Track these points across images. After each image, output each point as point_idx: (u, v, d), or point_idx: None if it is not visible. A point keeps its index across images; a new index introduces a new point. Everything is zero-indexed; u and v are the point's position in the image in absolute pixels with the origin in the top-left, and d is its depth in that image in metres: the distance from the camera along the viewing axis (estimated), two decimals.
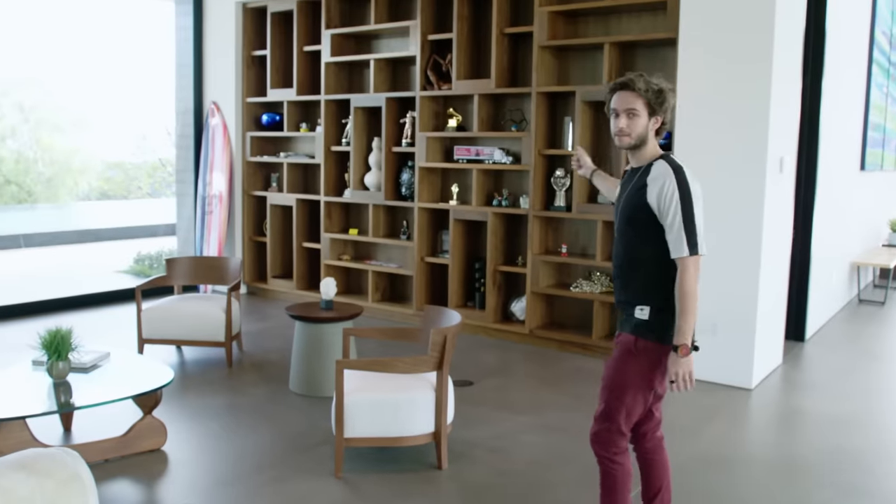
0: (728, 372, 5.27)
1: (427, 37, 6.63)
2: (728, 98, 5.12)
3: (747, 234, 5.12)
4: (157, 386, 3.85)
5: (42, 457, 2.17)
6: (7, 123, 12.18)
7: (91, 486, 2.18)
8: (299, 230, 7.65)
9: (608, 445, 2.91)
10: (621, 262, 2.85)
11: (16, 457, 2.17)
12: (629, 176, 2.88)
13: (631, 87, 2.76)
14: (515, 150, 6.43)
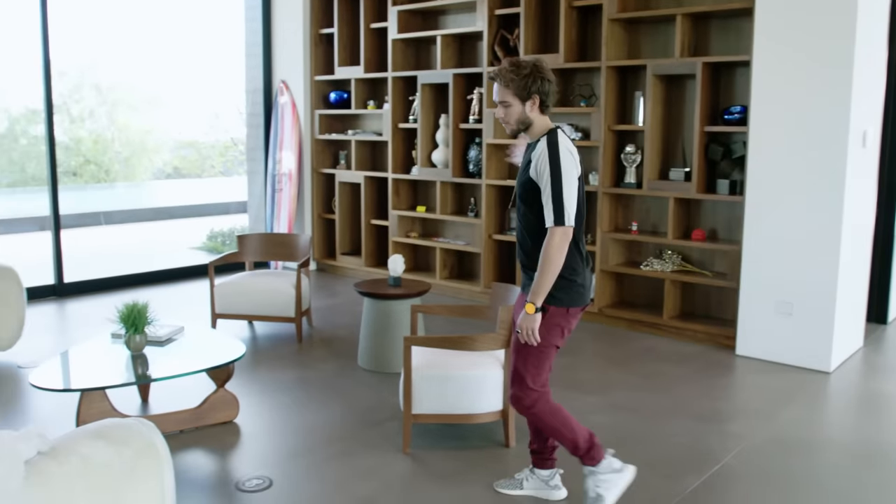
0: (805, 354, 5.11)
1: (494, 11, 6.55)
2: (807, 68, 4.92)
3: (827, 210, 4.94)
4: (229, 359, 3.93)
5: (120, 426, 2.23)
6: (86, 105, 12.53)
7: (166, 455, 2.23)
8: (367, 207, 7.69)
9: (523, 401, 3.10)
10: (520, 232, 3.11)
11: (95, 426, 2.23)
12: (527, 150, 3.09)
13: (498, 80, 3.00)
14: (584, 126, 6.33)
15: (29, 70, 8.76)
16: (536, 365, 3.07)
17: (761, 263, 5.22)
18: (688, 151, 5.81)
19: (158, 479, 2.20)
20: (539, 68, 2.97)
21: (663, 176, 5.87)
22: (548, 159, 2.89)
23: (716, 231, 5.82)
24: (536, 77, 2.95)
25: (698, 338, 5.68)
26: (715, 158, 5.59)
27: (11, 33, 8.76)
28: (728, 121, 5.49)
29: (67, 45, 6.89)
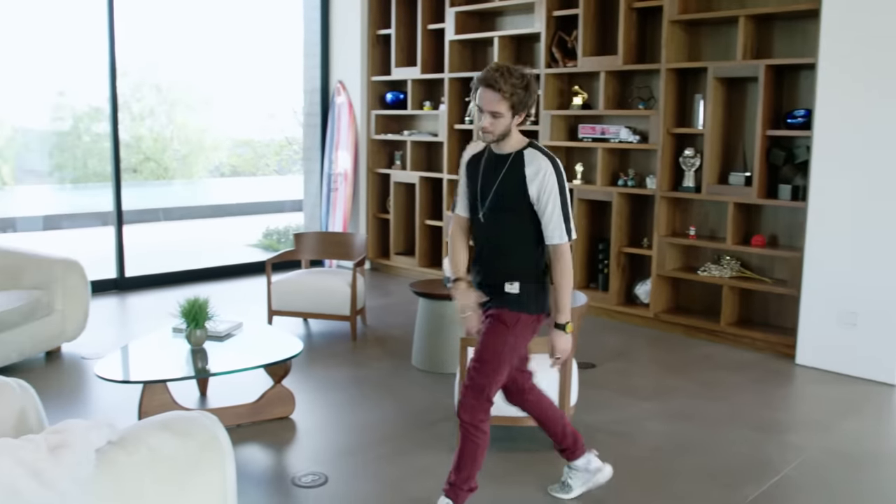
0: (869, 365, 4.98)
1: (552, 13, 6.53)
2: (874, 71, 4.79)
3: (891, 216, 4.80)
4: (287, 356, 3.98)
5: (185, 419, 2.27)
6: (146, 104, 12.80)
7: (228, 448, 2.27)
8: (422, 207, 7.72)
9: (478, 413, 3.02)
10: (495, 242, 3.02)
11: (161, 418, 2.28)
12: (494, 161, 2.98)
13: (496, 88, 2.83)
14: (642, 129, 6.26)
15: (92, 69, 8.98)
16: (500, 376, 3.04)
17: (824, 271, 5.10)
18: (749, 156, 5.71)
19: (221, 471, 2.23)
20: (534, 81, 2.93)
21: (723, 180, 5.78)
22: (555, 176, 2.91)
23: (776, 237, 5.71)
24: (534, 91, 2.92)
25: (756, 346, 5.58)
26: (777, 163, 5.48)
27: (77, 34, 9.01)
28: (791, 125, 5.38)
29: (130, 46, 7.05)
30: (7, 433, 2.46)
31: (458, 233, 3.18)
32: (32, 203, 11.77)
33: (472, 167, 3.07)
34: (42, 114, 10.85)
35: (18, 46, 9.21)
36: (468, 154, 3.11)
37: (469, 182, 3.08)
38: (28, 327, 4.92)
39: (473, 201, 3.06)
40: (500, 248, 3.02)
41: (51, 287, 5.10)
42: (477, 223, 3.07)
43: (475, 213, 3.06)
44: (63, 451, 1.77)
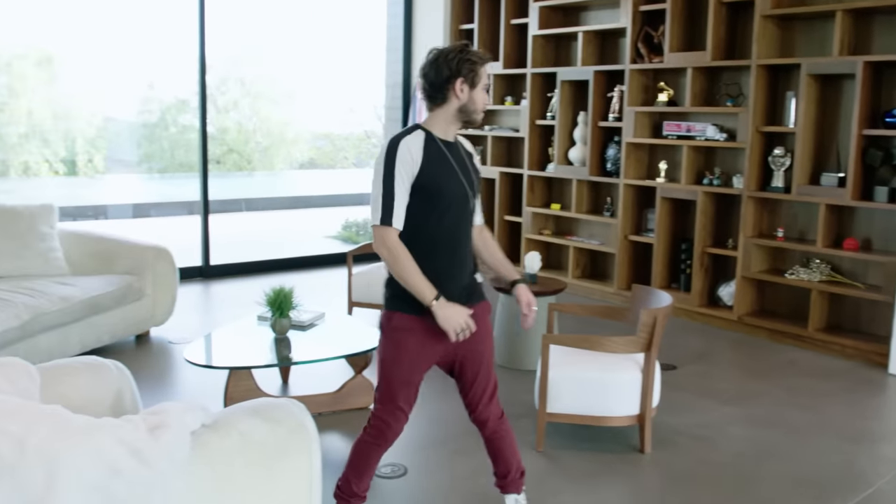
0: None
1: (639, 7, 6.41)
2: None
3: None
4: (369, 347, 4.02)
5: (274, 406, 2.32)
6: (231, 97, 13.09)
7: (315, 436, 2.30)
8: (501, 203, 7.70)
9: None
10: (468, 236, 2.85)
11: (251, 404, 2.32)
12: (448, 149, 2.74)
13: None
14: (730, 127, 6.11)
15: (180, 63, 9.21)
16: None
17: None
18: (843, 155, 5.51)
19: (308, 458, 2.27)
20: None
21: (814, 181, 5.59)
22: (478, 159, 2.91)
23: (870, 241, 5.49)
24: None
25: (846, 353, 5.39)
26: (873, 164, 5.27)
27: (165, 29, 9.27)
28: (889, 124, 5.17)
29: (216, 41, 7.22)
30: (105, 412, 2.56)
31: (403, 247, 2.68)
32: (122, 191, 12.19)
33: (430, 162, 2.69)
34: (131, 105, 11.21)
35: (110, 40, 9.53)
36: (411, 146, 2.68)
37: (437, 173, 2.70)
38: (120, 311, 5.10)
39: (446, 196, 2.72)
40: (470, 241, 2.88)
41: (142, 273, 5.27)
42: (455, 219, 2.77)
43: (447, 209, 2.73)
44: (161, 431, 1.82)
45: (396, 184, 2.64)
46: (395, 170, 2.64)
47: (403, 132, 2.73)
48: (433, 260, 2.72)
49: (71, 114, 10.44)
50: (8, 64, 9.33)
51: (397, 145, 2.66)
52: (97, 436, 1.70)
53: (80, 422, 1.72)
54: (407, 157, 2.65)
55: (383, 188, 2.64)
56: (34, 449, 1.63)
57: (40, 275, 5.07)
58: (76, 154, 10.68)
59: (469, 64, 2.69)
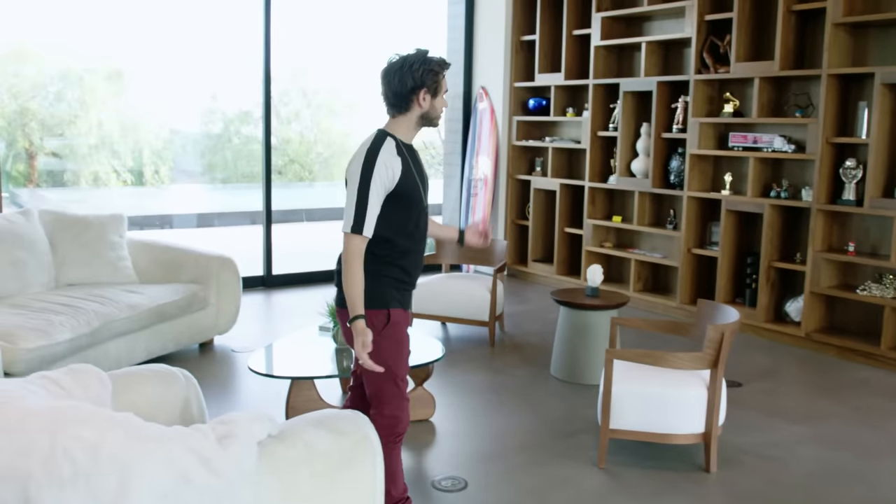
0: None
1: (704, 17, 6.31)
2: None
3: None
4: (430, 360, 4.02)
5: (338, 417, 2.33)
6: (293, 108, 13.30)
7: (378, 448, 2.30)
8: (562, 215, 7.64)
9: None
10: (423, 239, 2.95)
11: (316, 415, 2.34)
12: (410, 154, 2.88)
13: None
14: (798, 138, 5.96)
15: (243, 75, 9.38)
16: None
17: None
18: None
19: (371, 469, 2.27)
20: None
21: (888, 194, 5.41)
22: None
23: None
24: None
25: None
26: None
27: (228, 42, 9.46)
28: None
29: (278, 53, 7.34)
30: (173, 421, 2.60)
31: (360, 257, 2.81)
32: (187, 201, 12.46)
33: (404, 167, 2.82)
34: (196, 117, 11.47)
35: (176, 54, 9.77)
36: (388, 159, 2.79)
37: (410, 180, 2.84)
38: (185, 319, 5.20)
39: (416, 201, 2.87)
40: (425, 241, 3.01)
41: (206, 282, 5.37)
42: (422, 223, 2.92)
43: (418, 214, 2.88)
44: (230, 441, 1.84)
45: (371, 195, 2.75)
46: (372, 181, 2.75)
47: (377, 142, 2.82)
48: (408, 263, 2.91)
49: (138, 126, 10.72)
50: (80, 78, 9.64)
51: (376, 158, 2.77)
52: (168, 444, 1.72)
53: (152, 430, 1.75)
54: (383, 169, 2.76)
55: (358, 197, 2.76)
56: (108, 456, 1.66)
57: (110, 283, 5.20)
58: (143, 165, 10.96)
59: (432, 74, 2.82)
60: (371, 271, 2.83)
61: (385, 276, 2.87)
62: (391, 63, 2.85)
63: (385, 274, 2.87)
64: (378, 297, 2.86)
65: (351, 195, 2.78)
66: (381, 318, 2.86)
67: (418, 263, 2.97)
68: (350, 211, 2.77)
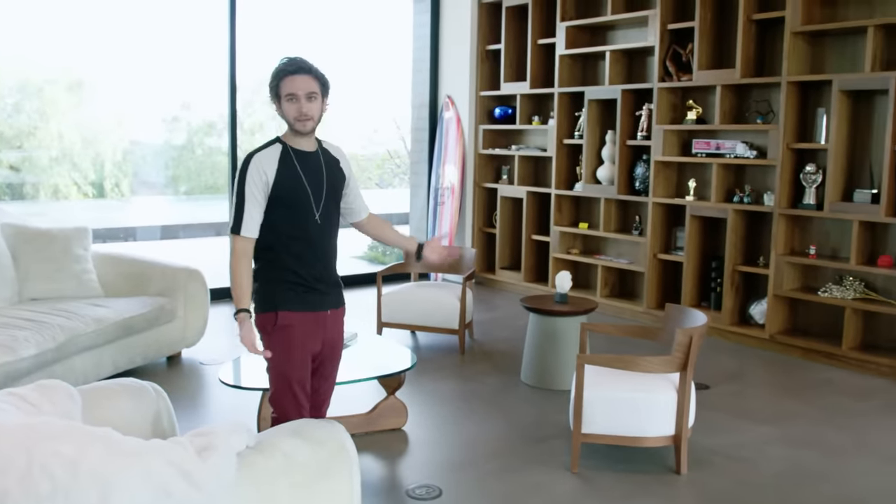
0: None
1: (667, 26, 6.42)
2: None
3: None
4: (402, 368, 4.02)
5: (316, 427, 2.33)
6: (257, 119, 13.21)
7: (355, 457, 2.31)
8: (529, 222, 7.69)
9: None
10: (330, 241, 3.01)
11: (293, 425, 2.34)
12: (306, 159, 2.91)
13: (309, 70, 2.85)
14: (760, 144, 6.07)
15: (206, 85, 9.31)
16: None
17: None
18: (876, 172, 5.45)
19: (349, 479, 2.28)
20: None
21: (847, 197, 5.54)
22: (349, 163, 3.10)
23: None
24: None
25: (882, 371, 5.31)
26: None
27: (192, 52, 9.40)
28: None
29: (242, 62, 7.30)
30: (145, 435, 2.57)
31: (248, 257, 2.91)
32: (150, 213, 12.31)
33: (281, 172, 2.86)
34: (158, 129, 11.35)
35: (137, 65, 9.67)
36: (263, 161, 2.85)
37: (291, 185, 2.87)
38: (152, 332, 5.14)
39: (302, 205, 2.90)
40: (333, 246, 3.06)
41: (174, 294, 5.32)
42: (313, 227, 2.93)
43: (305, 218, 2.91)
44: (209, 453, 1.83)
45: (247, 196, 2.84)
46: (247, 183, 2.84)
47: (261, 146, 2.92)
48: (302, 267, 2.93)
49: (99, 137, 10.58)
50: (39, 89, 9.49)
51: (250, 161, 2.86)
52: (148, 458, 1.71)
53: (132, 444, 1.74)
54: (255, 172, 2.84)
55: (236, 200, 2.87)
56: (87, 471, 1.64)
57: (75, 297, 5.13)
58: (104, 177, 10.81)
59: (272, 80, 2.89)
60: (261, 275, 2.95)
61: (274, 279, 2.93)
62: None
63: (274, 277, 2.93)
64: (266, 300, 2.93)
65: (232, 198, 2.93)
66: (269, 319, 2.92)
67: (317, 266, 2.97)
68: (231, 212, 2.90)
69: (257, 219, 2.87)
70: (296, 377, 2.95)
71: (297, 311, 2.92)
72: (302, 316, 2.93)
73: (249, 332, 2.89)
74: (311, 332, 2.97)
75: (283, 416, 2.95)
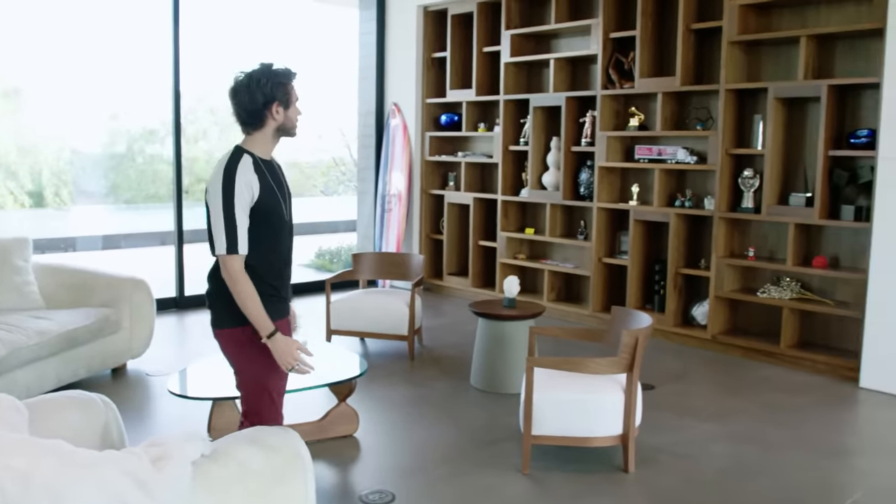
0: None
1: (609, 35, 6.55)
2: None
3: None
4: (353, 375, 4.03)
5: (270, 434, 2.33)
6: (199, 126, 13.07)
7: (310, 464, 2.32)
8: (476, 228, 7.76)
9: None
10: (291, 253, 3.01)
11: (248, 433, 2.34)
12: (271, 168, 2.89)
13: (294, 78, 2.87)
14: (700, 150, 6.24)
15: (146, 93, 9.18)
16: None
17: (890, 293, 5.02)
18: (810, 176, 5.65)
19: (303, 486, 2.29)
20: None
21: (783, 201, 5.73)
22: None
23: (838, 258, 5.63)
24: None
25: (818, 368, 5.49)
26: (839, 183, 5.42)
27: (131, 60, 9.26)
28: (854, 145, 5.33)
29: (185, 69, 7.21)
30: (94, 447, 2.54)
31: (247, 276, 2.81)
32: (90, 223, 12.07)
33: (262, 184, 2.82)
34: (98, 137, 11.14)
35: (76, 72, 9.50)
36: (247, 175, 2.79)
37: (270, 195, 2.85)
38: (97, 344, 5.05)
39: (278, 215, 2.88)
40: (291, 256, 3.04)
41: (118, 305, 5.23)
42: (285, 237, 2.95)
43: (280, 228, 2.89)
44: (164, 463, 1.83)
45: (237, 212, 2.75)
46: (235, 200, 2.75)
47: (233, 159, 2.81)
48: (277, 278, 2.91)
49: (37, 146, 10.35)
50: None
51: (234, 176, 2.76)
52: (102, 469, 1.70)
53: (84, 455, 1.73)
54: (245, 187, 2.76)
55: (225, 218, 2.74)
56: (40, 484, 1.63)
57: (15, 309, 5.01)
58: (43, 186, 10.58)
59: (281, 87, 2.82)
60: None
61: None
62: (238, 81, 2.83)
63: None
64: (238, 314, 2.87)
65: (217, 216, 2.76)
66: (246, 333, 2.87)
67: (287, 276, 3.00)
68: (220, 233, 2.75)
69: (246, 234, 2.79)
70: (276, 387, 2.94)
71: (275, 321, 2.89)
72: (279, 325, 2.91)
73: (289, 347, 2.84)
74: None
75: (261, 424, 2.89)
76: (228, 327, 2.91)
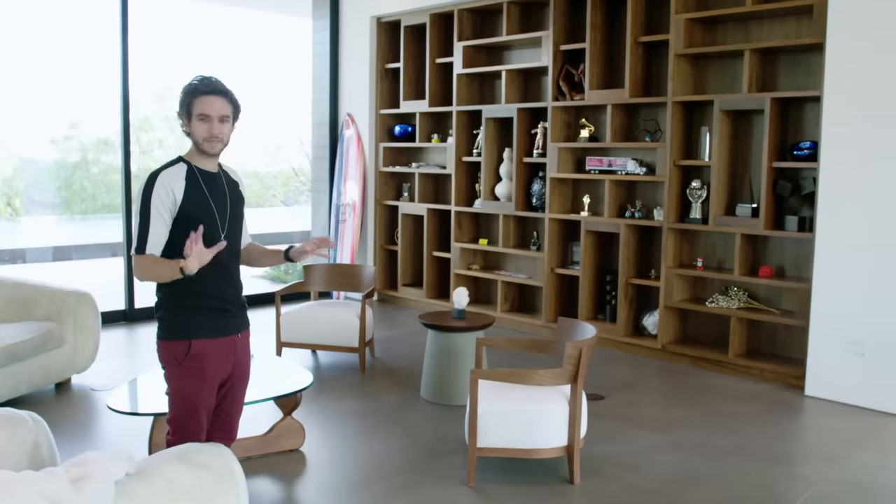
0: (879, 396, 4.97)
1: (559, 47, 6.61)
2: (879, 104, 4.84)
3: None
4: (298, 388, 3.99)
5: (200, 451, 2.30)
6: (155, 135, 12.93)
7: (242, 481, 2.29)
8: (430, 239, 7.76)
9: None
10: (235, 263, 2.99)
11: (177, 450, 2.30)
12: (212, 180, 2.88)
13: (224, 93, 2.83)
14: (649, 161, 6.31)
15: (101, 101, 9.05)
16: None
17: (832, 301, 5.12)
18: (755, 187, 5.75)
19: (236, 503, 2.25)
20: None
21: (729, 212, 5.81)
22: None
23: (783, 268, 5.73)
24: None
25: (765, 376, 5.58)
26: (783, 194, 5.52)
27: (83, 68, 9.12)
28: (797, 156, 5.43)
29: (138, 78, 7.12)
30: (22, 466, 2.48)
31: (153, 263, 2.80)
32: (41, 234, 11.85)
33: (188, 191, 2.79)
34: (50, 146, 10.96)
35: (26, 78, 9.33)
36: (169, 180, 2.77)
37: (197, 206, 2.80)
38: (39, 359, 4.95)
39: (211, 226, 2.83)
40: (238, 268, 3.03)
41: (62, 319, 5.13)
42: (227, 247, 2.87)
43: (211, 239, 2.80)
44: (84, 483, 1.79)
45: (153, 216, 2.76)
46: (152, 203, 2.75)
47: (165, 165, 2.84)
48: (213, 289, 2.86)
49: None
50: None
51: (155, 179, 2.77)
52: (18, 491, 1.66)
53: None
54: (162, 190, 2.76)
55: (140, 219, 2.77)
56: None
57: None
58: None
59: (184, 97, 2.83)
60: (170, 301, 2.84)
61: (187, 306, 2.83)
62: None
63: (187, 304, 2.83)
64: (177, 327, 2.84)
65: (135, 218, 2.79)
66: (181, 349, 2.82)
67: (228, 289, 2.93)
68: (135, 233, 2.77)
69: (163, 238, 2.77)
70: (204, 405, 2.88)
71: (211, 339, 2.84)
72: (215, 343, 2.86)
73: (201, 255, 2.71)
74: (224, 358, 2.90)
75: (185, 440, 2.86)
76: (164, 340, 2.86)
